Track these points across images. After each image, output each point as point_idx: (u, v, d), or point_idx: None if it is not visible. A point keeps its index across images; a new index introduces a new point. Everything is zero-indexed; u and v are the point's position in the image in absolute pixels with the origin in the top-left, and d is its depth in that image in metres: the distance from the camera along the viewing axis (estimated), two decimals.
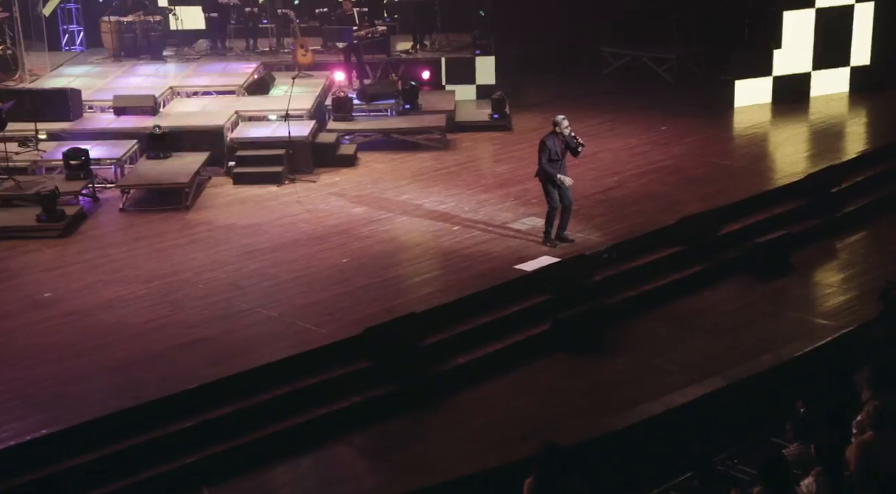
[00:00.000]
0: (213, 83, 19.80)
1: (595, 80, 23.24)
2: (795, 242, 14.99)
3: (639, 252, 14.23)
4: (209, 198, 16.39)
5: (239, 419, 10.57)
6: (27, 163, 16.50)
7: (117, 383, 10.81)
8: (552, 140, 13.88)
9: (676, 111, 20.52)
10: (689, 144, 18.46)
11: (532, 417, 11.19)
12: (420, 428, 11.12)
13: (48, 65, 20.67)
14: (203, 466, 10.14)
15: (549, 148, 13.83)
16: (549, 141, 13.87)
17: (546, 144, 13.85)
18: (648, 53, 23.43)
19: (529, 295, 13.06)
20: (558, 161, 13.90)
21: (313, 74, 20.63)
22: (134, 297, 12.84)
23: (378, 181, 17.00)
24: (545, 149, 13.82)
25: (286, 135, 17.32)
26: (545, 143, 13.86)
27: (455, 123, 19.68)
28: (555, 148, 13.85)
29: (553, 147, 13.84)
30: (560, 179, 13.81)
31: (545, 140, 13.92)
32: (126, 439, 10.09)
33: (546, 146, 13.84)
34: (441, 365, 11.91)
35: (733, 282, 14.23)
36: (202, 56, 21.90)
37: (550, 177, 13.82)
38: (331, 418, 10.95)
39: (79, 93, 18.27)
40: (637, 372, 12.10)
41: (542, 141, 13.96)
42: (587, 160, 17.53)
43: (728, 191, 15.95)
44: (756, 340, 12.62)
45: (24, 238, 14.73)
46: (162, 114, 18.27)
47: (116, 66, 21.14)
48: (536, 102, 21.47)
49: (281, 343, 11.62)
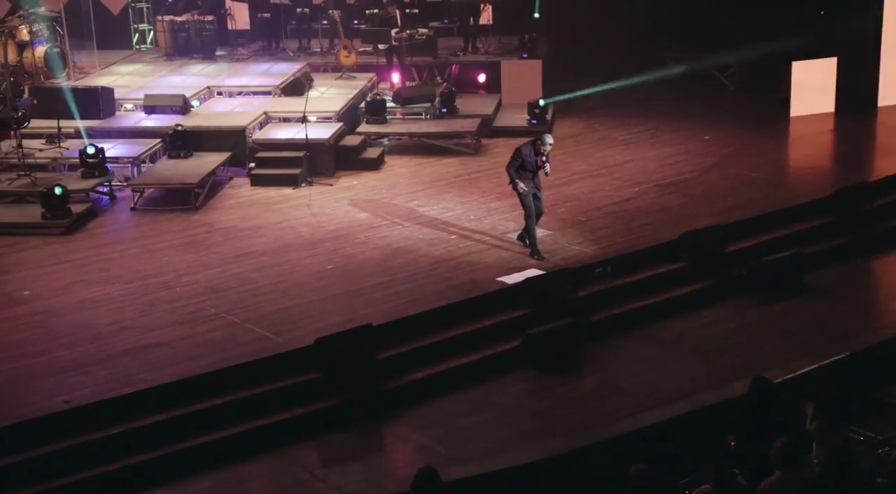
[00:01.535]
0: (249, 83, 19.79)
1: (654, 86, 22.53)
2: (816, 262, 14.20)
3: (636, 267, 13.64)
4: (222, 198, 16.35)
5: (166, 428, 10.39)
6: (48, 160, 16.70)
7: (54, 386, 10.73)
8: (529, 150, 13.49)
9: (726, 120, 19.77)
10: (726, 155, 17.71)
11: (475, 437, 10.77)
12: (358, 445, 10.78)
13: (97, 62, 20.95)
14: (125, 475, 9.98)
15: (523, 156, 13.53)
16: (526, 150, 13.57)
17: (521, 152, 13.57)
18: (710, 59, 22.61)
19: (507, 309, 12.63)
20: (531, 172, 13.55)
21: (356, 76, 20.47)
22: (107, 298, 12.82)
23: (394, 186, 16.73)
24: (518, 157, 13.54)
25: (313, 137, 17.18)
26: (521, 151, 13.58)
27: (493, 128, 19.28)
28: (530, 159, 13.51)
29: (528, 157, 13.52)
30: (515, 183, 13.52)
31: (521, 148, 13.62)
32: (47, 444, 9.99)
33: (521, 154, 13.55)
34: (396, 379, 11.56)
35: (735, 303, 13.52)
36: (252, 56, 21.94)
37: (511, 178, 13.56)
38: (267, 430, 10.69)
39: (111, 91, 18.45)
40: (602, 393, 11.56)
41: (518, 148, 13.66)
42: (613, 170, 17.12)
43: (748, 205, 15.21)
44: (737, 365, 11.93)
45: (28, 234, 14.89)
46: (193, 113, 18.32)
47: (166, 65, 21.33)
48: (584, 108, 20.93)
49: (231, 351, 11.41)
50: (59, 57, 20.07)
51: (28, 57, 19.89)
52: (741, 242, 14.28)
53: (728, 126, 19.38)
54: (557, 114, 20.52)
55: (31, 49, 19.85)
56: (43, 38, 20.14)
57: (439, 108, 19.30)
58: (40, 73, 19.84)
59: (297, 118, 18.26)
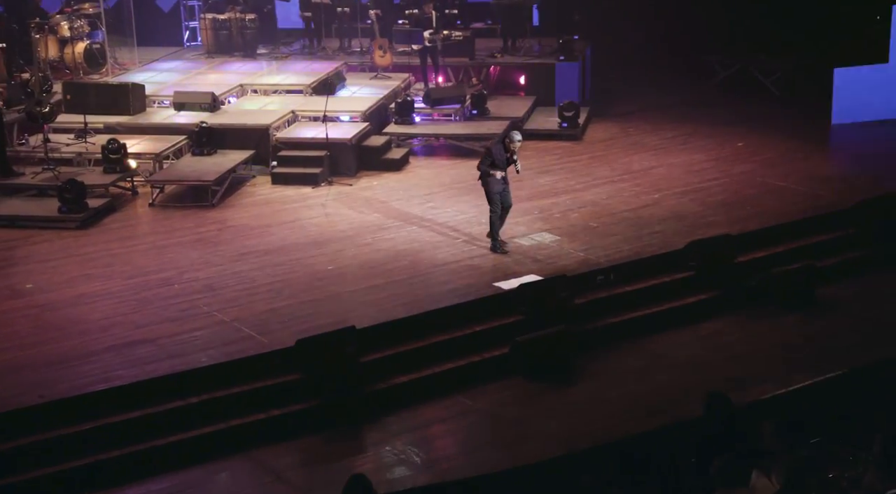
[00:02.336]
0: (282, 82, 19.84)
1: (698, 91, 22.20)
2: (831, 275, 13.81)
3: (639, 276, 13.38)
4: (240, 196, 16.40)
5: (137, 426, 10.39)
6: (73, 155, 16.91)
7: (35, 379, 10.78)
8: (499, 149, 13.73)
9: (765, 126, 19.37)
10: (757, 162, 17.33)
11: (445, 445, 10.66)
12: (329, 449, 10.70)
13: (137, 59, 21.18)
14: (89, 472, 9.98)
15: (493, 156, 13.68)
16: (496, 149, 13.80)
17: (492, 152, 13.75)
18: (756, 63, 22.18)
19: (500, 315, 12.45)
20: (502, 170, 13.71)
21: (391, 76, 20.43)
22: (106, 293, 12.90)
23: (413, 187, 16.63)
24: (489, 156, 13.67)
25: (335, 137, 17.18)
26: (491, 151, 13.78)
27: (523, 131, 19.05)
28: (500, 157, 13.69)
29: (498, 156, 13.69)
30: (485, 173, 13.65)
31: (492, 148, 13.89)
32: (21, 437, 10.07)
33: (492, 153, 13.72)
34: (378, 383, 11.46)
35: (740, 315, 13.20)
36: (291, 55, 22.01)
37: (484, 173, 13.64)
38: (241, 431, 10.66)
39: (142, 87, 18.63)
40: (584, 404, 11.34)
41: (489, 148, 13.99)
42: (637, 175, 16.85)
43: (767, 214, 14.85)
44: (730, 378, 11.61)
45: (43, 228, 15.08)
46: (221, 111, 18.42)
47: (206, 62, 21.50)
48: (621, 112, 20.68)
49: (214, 350, 11.40)
50: (99, 53, 20.37)
51: (69, 53, 20.21)
52: (753, 253, 13.92)
53: (765, 132, 18.98)
54: (593, 117, 20.27)
55: (72, 45, 20.16)
56: (84, 35, 20.45)
57: (470, 110, 19.16)
58: (80, 68, 20.15)
59: (333, 117, 18.26)
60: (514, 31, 21.79)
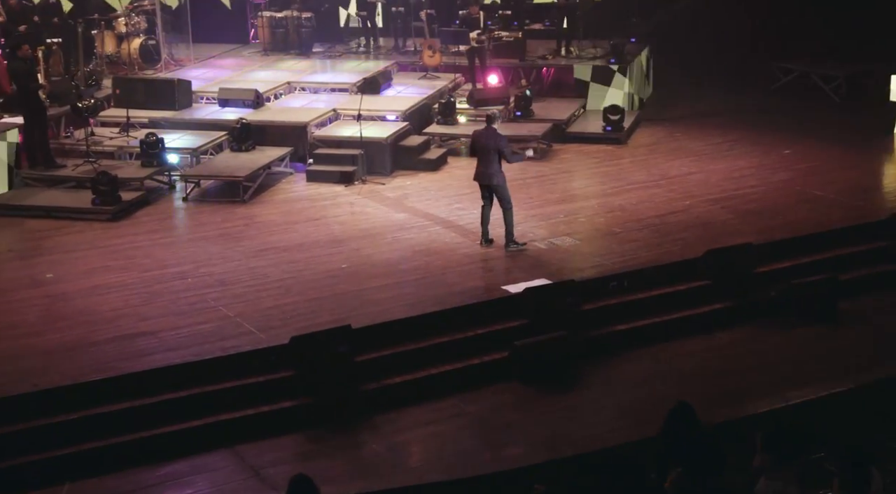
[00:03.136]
0: (328, 80, 19.96)
1: (758, 96, 21.76)
2: (857, 289, 13.42)
3: (654, 283, 13.15)
4: (273, 193, 16.53)
5: (125, 417, 10.51)
6: (114, 148, 17.23)
7: (32, 367, 10.99)
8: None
9: (818, 133, 18.91)
10: (800, 171, 16.92)
11: (427, 448, 10.61)
12: (312, 447, 10.71)
13: (192, 56, 21.49)
14: (75, 461, 10.14)
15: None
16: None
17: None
18: (817, 70, 21.66)
19: (505, 319, 12.34)
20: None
21: (440, 76, 20.41)
22: (120, 285, 13.09)
23: (445, 188, 16.58)
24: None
25: (370, 136, 17.23)
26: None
27: (566, 134, 18.92)
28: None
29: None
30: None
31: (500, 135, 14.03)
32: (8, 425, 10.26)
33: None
34: (370, 383, 11.44)
35: (756, 326, 12.91)
36: (344, 53, 22.12)
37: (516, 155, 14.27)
38: (227, 426, 10.73)
39: (188, 83, 18.90)
40: (575, 412, 11.20)
41: (502, 136, 14.07)
42: (673, 181, 16.59)
43: (796, 224, 14.49)
44: (732, 390, 11.38)
45: (76, 219, 15.38)
46: (264, 107, 18.59)
47: (261, 60, 21.73)
48: (674, 116, 20.39)
49: (212, 344, 11.49)
50: (154, 49, 20.71)
51: (125, 49, 20.59)
52: (775, 263, 13.58)
53: (817, 140, 18.54)
54: (644, 121, 20.01)
55: (128, 41, 20.55)
56: (140, 31, 20.82)
57: (513, 112, 19.05)
58: (135, 64, 20.52)
59: (367, 116, 18.31)
60: (568, 32, 21.60)
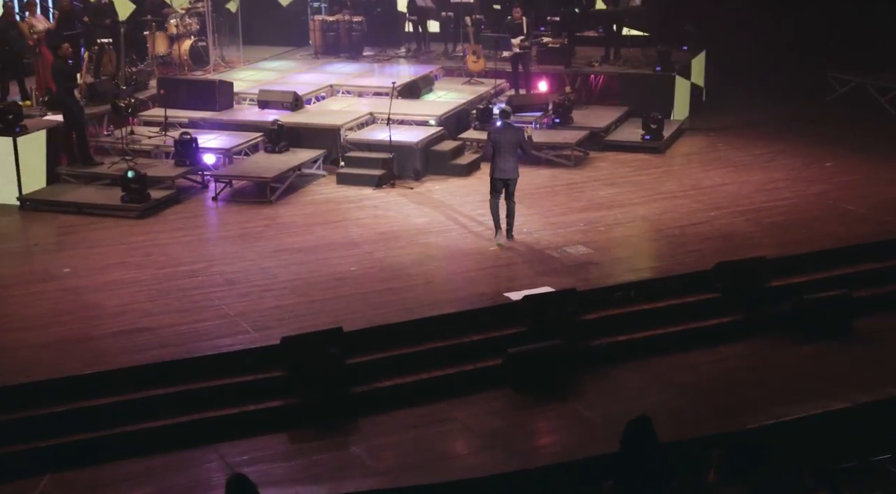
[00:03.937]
0: (369, 84, 20.05)
1: (811, 107, 21.33)
2: (875, 306, 13.07)
3: (662, 294, 12.95)
4: (301, 195, 16.64)
5: (111, 411, 10.67)
6: (151, 147, 17.53)
7: (27, 359, 11.21)
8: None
9: (866, 146, 18.48)
10: (837, 184, 16.54)
11: (405, 452, 10.55)
12: (292, 448, 10.75)
13: (242, 58, 21.77)
14: (54, 453, 10.32)
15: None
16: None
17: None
18: (873, 81, 21.16)
19: (503, 326, 12.25)
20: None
21: (484, 81, 20.37)
22: (131, 281, 13.29)
23: (472, 193, 16.50)
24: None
25: (401, 140, 17.28)
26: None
27: (604, 142, 18.74)
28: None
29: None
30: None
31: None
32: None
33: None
34: (360, 386, 11.45)
35: (763, 341, 12.64)
36: (392, 58, 22.20)
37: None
38: (210, 424, 10.82)
39: (230, 85, 19.15)
40: (561, 422, 11.09)
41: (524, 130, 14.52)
42: (703, 192, 16.40)
43: (820, 238, 14.16)
44: (729, 404, 11.16)
45: (105, 215, 15.67)
46: (302, 110, 18.75)
47: (310, 62, 21.93)
48: (720, 125, 20.12)
49: (206, 342, 11.62)
50: (204, 51, 21.03)
51: (176, 50, 20.94)
52: (790, 278, 13.27)
53: (862, 153, 18.13)
54: (687, 130, 19.74)
55: (179, 43, 20.89)
56: (191, 33, 21.16)
57: (553, 118, 18.92)
58: (185, 65, 20.86)
59: (410, 120, 18.36)
60: (616, 39, 21.40)
